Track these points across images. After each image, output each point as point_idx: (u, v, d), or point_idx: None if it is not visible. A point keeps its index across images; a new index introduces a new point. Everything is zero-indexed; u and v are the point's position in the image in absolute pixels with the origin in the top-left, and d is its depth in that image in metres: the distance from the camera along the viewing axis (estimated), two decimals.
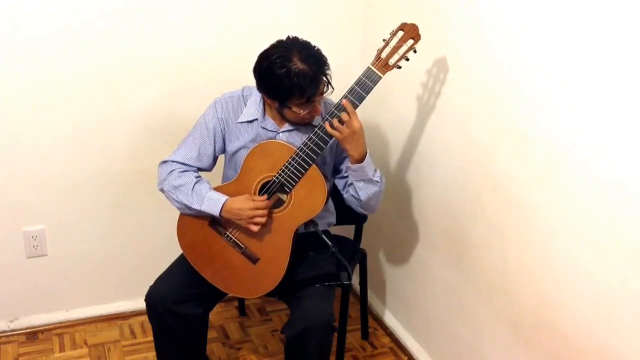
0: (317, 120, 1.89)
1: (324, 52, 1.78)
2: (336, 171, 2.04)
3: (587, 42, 1.49)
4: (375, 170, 1.89)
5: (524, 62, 1.71)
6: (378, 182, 1.90)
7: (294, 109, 1.79)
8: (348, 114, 1.76)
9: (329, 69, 1.77)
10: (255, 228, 1.84)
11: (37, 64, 2.20)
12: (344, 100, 1.76)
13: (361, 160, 1.83)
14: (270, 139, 1.91)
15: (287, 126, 1.92)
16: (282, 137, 1.92)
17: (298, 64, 1.71)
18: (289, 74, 1.70)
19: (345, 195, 1.99)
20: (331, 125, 1.77)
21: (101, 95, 2.32)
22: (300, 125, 1.91)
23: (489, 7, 1.82)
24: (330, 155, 2.00)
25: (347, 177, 1.97)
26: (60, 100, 2.28)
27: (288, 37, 1.78)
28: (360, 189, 1.89)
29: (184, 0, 2.30)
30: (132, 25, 2.27)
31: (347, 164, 1.93)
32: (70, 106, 2.29)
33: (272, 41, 1.80)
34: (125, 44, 2.28)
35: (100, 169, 2.42)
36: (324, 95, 1.81)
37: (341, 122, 1.76)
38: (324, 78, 1.76)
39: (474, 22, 1.89)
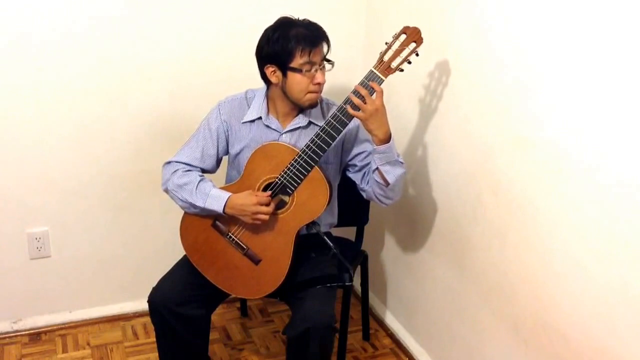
0: (320, 121, 1.91)
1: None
2: (349, 167, 2.04)
3: (588, 47, 1.50)
4: (397, 153, 1.89)
5: (525, 65, 1.72)
6: (403, 162, 1.90)
7: (297, 68, 1.80)
8: (372, 91, 1.77)
9: (328, 39, 1.83)
10: (258, 223, 1.85)
11: (40, 66, 2.21)
12: (371, 83, 1.77)
13: (387, 140, 1.83)
14: (274, 139, 1.92)
15: (290, 125, 1.93)
16: (286, 137, 1.94)
17: (296, 27, 1.80)
18: (287, 34, 1.79)
19: (366, 187, 1.97)
20: (353, 107, 1.77)
21: (104, 97, 2.33)
22: (304, 107, 1.91)
23: (491, 10, 1.83)
24: (337, 155, 2.00)
25: (364, 170, 1.98)
26: (64, 102, 2.29)
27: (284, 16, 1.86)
28: (387, 173, 1.86)
29: (186, 3, 2.32)
30: (135, 28, 2.28)
31: (365, 155, 1.97)
32: (73, 108, 2.31)
33: None
34: (128, 46, 2.30)
35: (103, 171, 2.43)
36: (325, 65, 1.84)
37: (357, 105, 1.77)
38: (323, 39, 1.82)
39: (475, 25, 1.91)
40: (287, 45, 1.78)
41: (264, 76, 1.88)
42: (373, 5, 2.51)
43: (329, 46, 1.84)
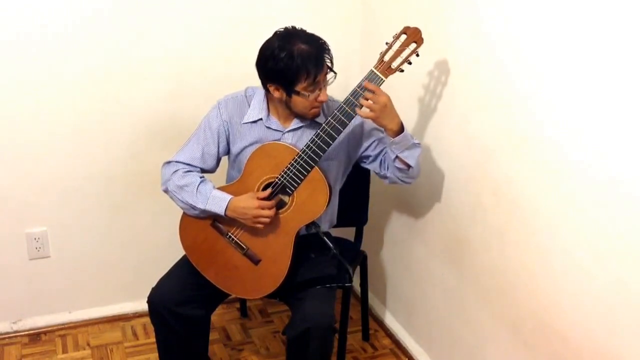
0: (321, 119, 1.91)
1: None
2: (363, 159, 2.05)
3: (586, 46, 1.50)
4: (410, 135, 1.90)
5: (524, 65, 1.72)
6: (419, 142, 1.92)
7: (302, 92, 1.80)
8: (371, 91, 1.77)
9: (330, 51, 1.81)
10: (260, 227, 1.85)
11: (38, 66, 2.22)
12: (365, 82, 1.78)
13: (401, 130, 1.85)
14: (276, 139, 1.92)
15: (292, 125, 1.93)
16: (288, 137, 1.93)
17: (299, 45, 1.75)
18: (291, 55, 1.74)
19: (388, 174, 1.98)
20: (361, 109, 1.78)
21: (103, 97, 2.34)
22: (307, 119, 1.91)
23: (491, 10, 1.83)
24: (340, 151, 1.99)
25: (379, 158, 2.00)
26: (62, 102, 2.29)
27: (285, 28, 1.82)
28: (407, 158, 1.88)
29: (185, 3, 2.32)
30: (133, 27, 2.28)
31: (376, 143, 1.99)
32: (72, 108, 2.31)
33: None
34: (126, 46, 2.30)
35: (102, 171, 2.43)
36: (328, 79, 1.83)
37: (366, 107, 1.78)
38: (327, 56, 1.79)
39: (475, 25, 1.91)
40: (292, 65, 1.74)
41: (265, 87, 1.88)
42: (370, 4, 2.51)
43: (331, 59, 1.82)
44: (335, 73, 1.84)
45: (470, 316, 2.10)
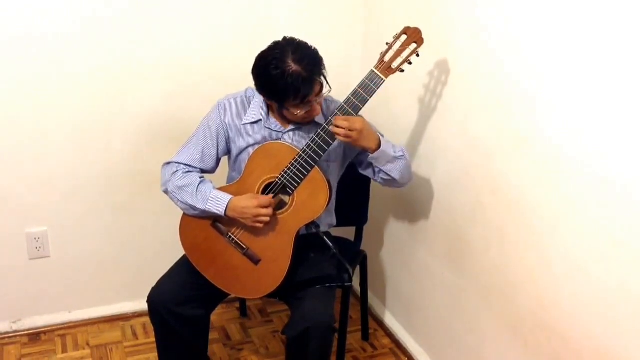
0: (321, 119, 1.91)
1: (324, 55, 1.79)
2: (357, 165, 2.05)
3: (586, 46, 1.50)
4: (394, 148, 1.91)
5: (523, 66, 1.72)
6: (402, 155, 1.93)
7: (291, 109, 1.81)
8: (343, 121, 1.77)
9: (324, 69, 1.79)
10: (259, 226, 1.85)
11: (39, 66, 2.21)
12: (335, 117, 1.79)
13: (378, 147, 1.86)
14: (276, 139, 1.92)
15: (292, 125, 1.93)
16: (288, 137, 1.93)
17: (292, 65, 1.72)
18: (282, 75, 1.72)
19: (379, 181, 2.00)
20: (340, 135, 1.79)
21: (103, 97, 2.34)
22: (303, 124, 1.92)
23: (490, 10, 1.83)
24: (340, 152, 2.00)
25: (370, 165, 1.99)
26: (63, 102, 2.29)
27: (284, 38, 1.79)
28: (390, 170, 1.91)
29: (186, 3, 2.32)
30: (134, 27, 2.28)
31: (367, 155, 1.97)
32: (72, 108, 2.31)
33: None
34: (127, 46, 2.30)
35: (102, 171, 2.43)
36: (323, 94, 1.82)
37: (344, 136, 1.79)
38: (319, 78, 1.78)
39: (475, 25, 1.91)
40: (282, 86, 1.73)
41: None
42: (371, 4, 2.51)
43: (325, 75, 1.80)
44: (330, 88, 1.83)
45: (470, 316, 2.10)
